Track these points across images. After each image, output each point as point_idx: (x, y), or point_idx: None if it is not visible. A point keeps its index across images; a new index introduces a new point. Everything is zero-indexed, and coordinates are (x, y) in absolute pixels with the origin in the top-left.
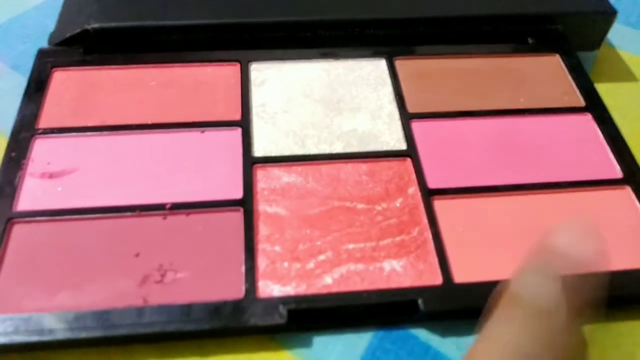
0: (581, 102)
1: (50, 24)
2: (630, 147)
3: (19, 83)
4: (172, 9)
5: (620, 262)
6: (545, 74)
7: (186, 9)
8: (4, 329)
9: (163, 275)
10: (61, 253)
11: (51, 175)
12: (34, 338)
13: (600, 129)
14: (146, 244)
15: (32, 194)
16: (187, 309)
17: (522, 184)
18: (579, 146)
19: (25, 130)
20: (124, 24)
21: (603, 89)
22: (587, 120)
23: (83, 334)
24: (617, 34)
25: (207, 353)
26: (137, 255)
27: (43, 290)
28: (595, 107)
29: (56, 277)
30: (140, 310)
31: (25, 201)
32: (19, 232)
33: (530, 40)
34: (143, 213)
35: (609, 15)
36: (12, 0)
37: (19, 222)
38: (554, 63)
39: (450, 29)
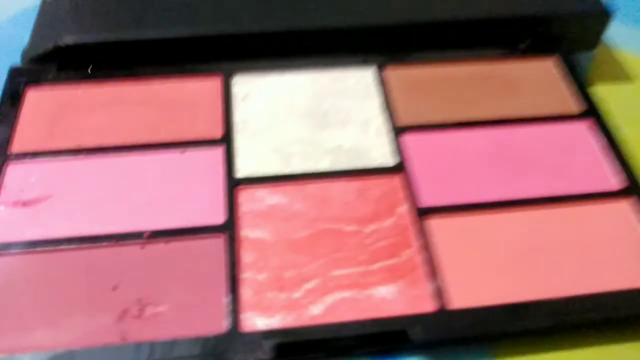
0: (577, 109)
1: (23, 37)
2: (630, 151)
3: None
4: (148, 22)
5: (622, 281)
6: (539, 80)
7: (163, 21)
8: None
9: (142, 310)
10: (36, 287)
11: (24, 204)
12: None
13: (597, 137)
14: (124, 275)
15: (4, 224)
16: (167, 346)
17: (519, 199)
18: (576, 156)
19: None
20: (98, 39)
21: (601, 90)
22: (583, 128)
23: None
24: (614, 33)
25: None
26: (114, 288)
27: (17, 328)
28: (592, 114)
29: (30, 313)
30: (119, 349)
31: None
32: None
33: (521, 45)
34: (120, 242)
35: (604, 15)
36: None
37: None
38: (548, 68)
39: (440, 34)
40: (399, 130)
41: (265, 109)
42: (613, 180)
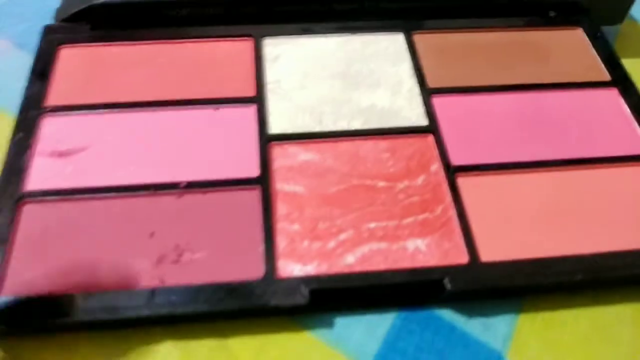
0: (606, 76)
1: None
2: None
3: (25, 61)
4: None
5: None
6: (568, 48)
7: None
8: (19, 310)
9: (180, 255)
10: (73, 233)
11: (61, 154)
12: (49, 319)
13: (627, 103)
14: (161, 223)
15: (41, 173)
16: (205, 290)
17: (547, 160)
18: (606, 121)
19: (33, 108)
20: None
21: (626, 63)
22: (613, 95)
23: (97, 316)
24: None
25: (226, 334)
26: (151, 235)
27: (56, 272)
28: (621, 82)
29: (69, 257)
30: (156, 291)
31: (35, 181)
32: (29, 212)
33: (552, 14)
34: (157, 192)
35: None
36: None
37: (29, 202)
38: (577, 37)
39: (469, 2)
40: (429, 93)
41: (297, 70)
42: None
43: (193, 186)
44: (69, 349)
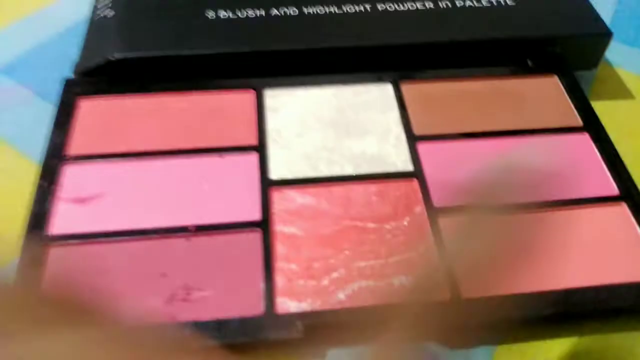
0: (579, 122)
1: (71, 50)
2: (628, 165)
3: (44, 110)
4: (190, 39)
5: (618, 275)
6: (544, 95)
7: (204, 38)
8: None
9: (188, 294)
10: (93, 274)
11: (81, 201)
12: None
13: (597, 148)
14: (172, 264)
15: (63, 218)
16: (213, 325)
17: (522, 203)
18: (577, 164)
19: (55, 157)
20: (146, 54)
21: (602, 107)
22: (584, 140)
23: None
24: (615, 53)
25: None
26: (163, 275)
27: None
28: (593, 127)
29: (89, 297)
30: (168, 327)
31: (58, 225)
32: (54, 255)
33: (530, 63)
34: (168, 235)
35: (605, 36)
36: (34, 29)
37: (53, 245)
38: (552, 84)
39: (452, 53)
40: (415, 139)
41: (294, 120)
42: (609, 187)
43: (201, 229)
44: None
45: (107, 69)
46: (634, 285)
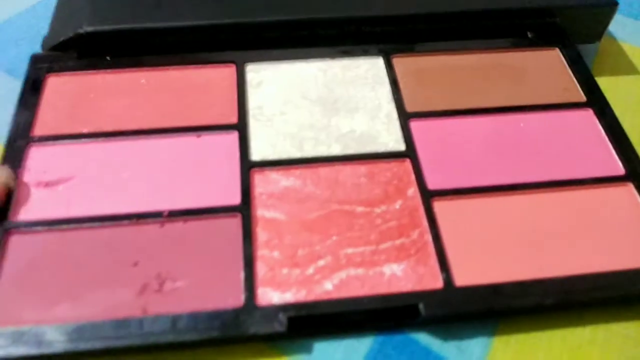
0: (582, 97)
1: (43, 26)
2: (633, 142)
3: (13, 88)
4: (165, 11)
5: (624, 261)
6: (545, 69)
7: (179, 10)
8: (3, 342)
9: (162, 284)
10: (59, 263)
11: (47, 184)
12: (33, 351)
13: (602, 125)
14: (144, 252)
15: (28, 203)
16: (186, 319)
17: (522, 183)
18: (581, 143)
19: (20, 138)
20: (117, 27)
21: (605, 82)
22: (588, 116)
23: (83, 346)
24: (619, 26)
25: None
26: (135, 264)
27: (42, 302)
28: (597, 102)
29: (55, 288)
30: (139, 321)
31: (21, 211)
32: (16, 243)
33: (529, 34)
34: (140, 221)
35: (610, 7)
36: (4, 3)
37: (16, 233)
38: (553, 57)
39: (448, 25)
40: (407, 117)
41: (278, 96)
42: (615, 166)
43: (175, 214)
44: None
45: (78, 44)
46: (637, 271)
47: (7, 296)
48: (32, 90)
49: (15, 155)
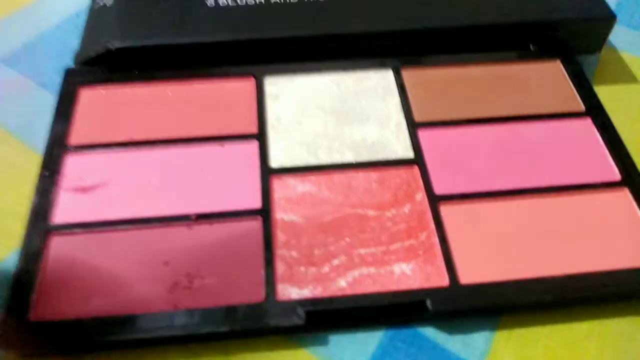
0: (581, 107)
1: (71, 41)
2: (631, 150)
3: (46, 100)
4: (188, 27)
5: (619, 261)
6: (546, 80)
7: (202, 27)
8: (47, 335)
9: (191, 282)
10: (95, 262)
11: (83, 190)
12: (75, 341)
13: (600, 133)
14: (174, 252)
15: (66, 207)
16: (212, 313)
17: (524, 189)
18: (579, 150)
19: (57, 147)
20: (144, 43)
21: (605, 91)
22: (587, 125)
23: (119, 337)
24: (620, 36)
25: (230, 353)
26: (166, 263)
27: (80, 298)
28: (595, 112)
29: (92, 285)
30: (171, 315)
31: (60, 214)
32: (56, 243)
33: (532, 47)
34: (170, 224)
35: (608, 20)
36: (35, 19)
37: (56, 234)
38: (555, 69)
39: (454, 39)
40: (415, 126)
41: (295, 108)
42: (611, 172)
43: (202, 217)
44: None
45: (107, 58)
46: (633, 270)
47: (50, 291)
48: (66, 102)
49: (53, 163)
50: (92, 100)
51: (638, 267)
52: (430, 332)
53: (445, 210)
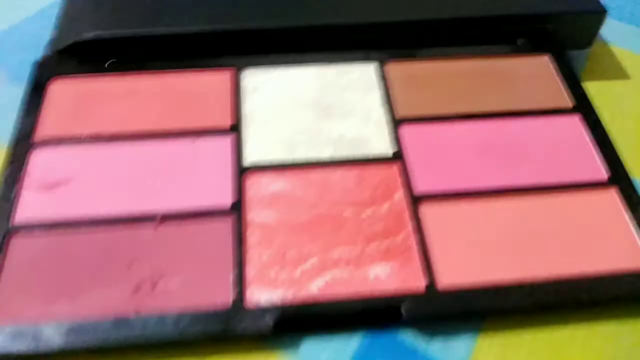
0: (569, 103)
1: (45, 33)
2: (621, 145)
3: (17, 93)
4: (164, 17)
5: (605, 263)
6: (534, 75)
7: (178, 17)
8: (2, 339)
9: (154, 285)
10: (57, 264)
11: (47, 187)
12: (31, 347)
13: (588, 131)
14: (139, 253)
15: (28, 206)
16: (177, 318)
17: (508, 188)
18: (567, 148)
19: (23, 141)
20: (117, 33)
21: (595, 86)
22: (574, 122)
23: (78, 344)
24: (610, 29)
25: (205, 354)
26: (130, 265)
27: (40, 300)
28: (583, 108)
29: (52, 287)
30: (132, 321)
31: (22, 214)
32: (16, 245)
33: (519, 42)
34: (135, 223)
35: (599, 14)
36: (8, 11)
37: (16, 235)
38: (543, 64)
39: (439, 32)
40: (397, 122)
41: (273, 101)
42: (599, 171)
43: (169, 217)
44: None
45: (80, 50)
46: (618, 274)
47: (7, 295)
48: (35, 95)
49: (19, 158)
50: (62, 93)
51: (624, 269)
52: (409, 336)
53: (425, 210)
